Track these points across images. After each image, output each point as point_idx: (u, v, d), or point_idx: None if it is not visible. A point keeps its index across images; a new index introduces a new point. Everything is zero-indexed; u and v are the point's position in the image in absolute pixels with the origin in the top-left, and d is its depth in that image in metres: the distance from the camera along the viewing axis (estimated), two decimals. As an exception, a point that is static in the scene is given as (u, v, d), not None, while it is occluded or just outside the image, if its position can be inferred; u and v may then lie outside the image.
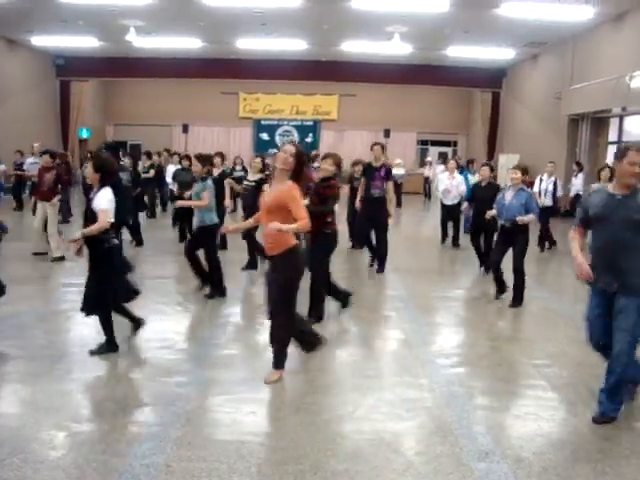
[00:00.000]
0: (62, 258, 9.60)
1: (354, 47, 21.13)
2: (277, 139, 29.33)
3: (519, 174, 7.75)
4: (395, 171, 21.30)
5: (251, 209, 8.40)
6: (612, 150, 16.05)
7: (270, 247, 4.90)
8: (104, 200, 5.49)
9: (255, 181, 9.31)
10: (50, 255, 9.80)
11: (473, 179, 12.67)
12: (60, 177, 10.24)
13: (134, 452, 3.81)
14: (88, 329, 6.13)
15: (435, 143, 29.67)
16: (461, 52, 21.16)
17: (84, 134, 26.70)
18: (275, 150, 25.06)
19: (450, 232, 12.69)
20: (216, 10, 16.62)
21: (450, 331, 7.03)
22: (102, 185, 5.55)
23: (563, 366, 5.70)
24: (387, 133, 28.10)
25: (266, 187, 4.74)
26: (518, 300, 7.76)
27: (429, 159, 25.22)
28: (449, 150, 29.00)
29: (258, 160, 9.79)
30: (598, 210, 4.38)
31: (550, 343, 6.42)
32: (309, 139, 29.23)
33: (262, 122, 29.48)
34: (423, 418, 4.45)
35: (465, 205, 10.66)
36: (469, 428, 4.30)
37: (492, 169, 10.20)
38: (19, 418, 4.32)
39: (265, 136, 29.40)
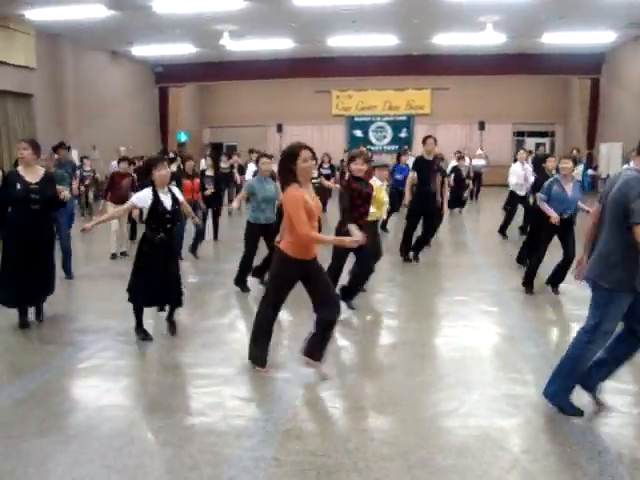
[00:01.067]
0: (124, 254, 10.42)
1: (445, 40, 20.83)
2: (371, 135, 29.34)
3: (570, 164, 7.65)
4: (475, 162, 21.02)
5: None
6: None
7: (313, 251, 5.06)
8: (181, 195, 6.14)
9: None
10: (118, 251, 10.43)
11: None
12: (134, 182, 10.77)
13: (243, 445, 3.93)
14: (197, 320, 6.36)
15: (531, 134, 28.79)
16: (557, 38, 20.42)
17: (182, 137, 27.61)
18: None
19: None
20: (307, 10, 16.87)
21: (554, 326, 6.86)
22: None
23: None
24: (482, 125, 27.57)
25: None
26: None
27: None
28: (546, 140, 28.07)
29: None
30: None
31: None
32: (403, 134, 29.09)
33: (355, 119, 29.54)
34: (530, 415, 4.37)
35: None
36: (579, 426, 4.18)
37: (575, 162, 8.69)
38: (134, 410, 4.54)
39: (359, 133, 29.45)
